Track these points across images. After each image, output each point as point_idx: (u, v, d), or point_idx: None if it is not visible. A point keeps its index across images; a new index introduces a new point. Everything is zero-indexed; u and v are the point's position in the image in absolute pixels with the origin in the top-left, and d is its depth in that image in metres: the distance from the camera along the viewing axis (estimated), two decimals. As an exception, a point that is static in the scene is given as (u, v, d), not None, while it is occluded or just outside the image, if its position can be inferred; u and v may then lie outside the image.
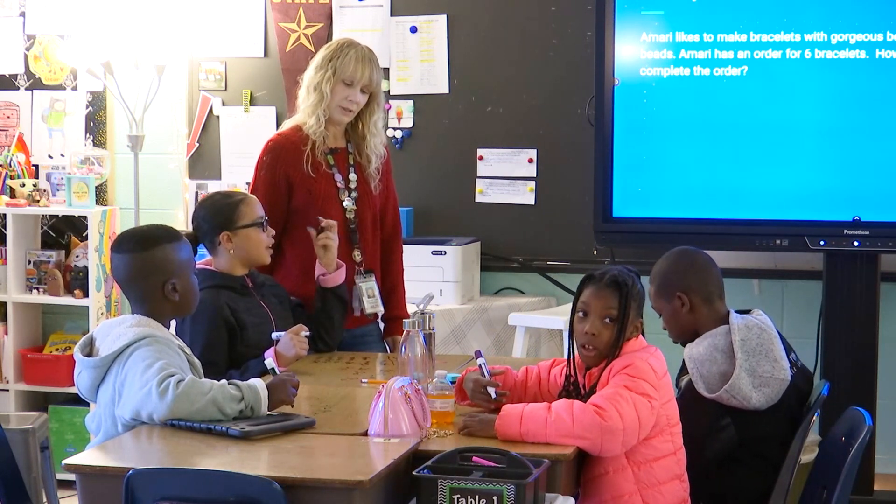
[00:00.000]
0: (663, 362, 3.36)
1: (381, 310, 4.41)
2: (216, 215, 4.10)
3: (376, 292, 4.40)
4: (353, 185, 4.38)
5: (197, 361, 3.53)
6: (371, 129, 4.38)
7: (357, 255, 4.38)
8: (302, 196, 4.33)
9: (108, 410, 3.34)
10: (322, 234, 4.21)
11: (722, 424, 3.63)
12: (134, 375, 3.27)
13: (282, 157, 4.33)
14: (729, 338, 3.66)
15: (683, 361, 3.74)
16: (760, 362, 3.61)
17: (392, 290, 4.50)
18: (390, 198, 4.53)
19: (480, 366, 3.45)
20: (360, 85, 4.30)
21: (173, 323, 3.95)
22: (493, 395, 3.41)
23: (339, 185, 4.36)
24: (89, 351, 3.44)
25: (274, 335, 3.93)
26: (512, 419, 3.18)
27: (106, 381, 3.35)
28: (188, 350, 3.51)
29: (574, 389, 3.39)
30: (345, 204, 4.36)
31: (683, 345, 3.78)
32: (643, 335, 3.43)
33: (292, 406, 3.36)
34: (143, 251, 3.45)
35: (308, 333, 3.99)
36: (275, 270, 4.33)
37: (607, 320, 3.34)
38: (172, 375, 3.24)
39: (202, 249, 4.19)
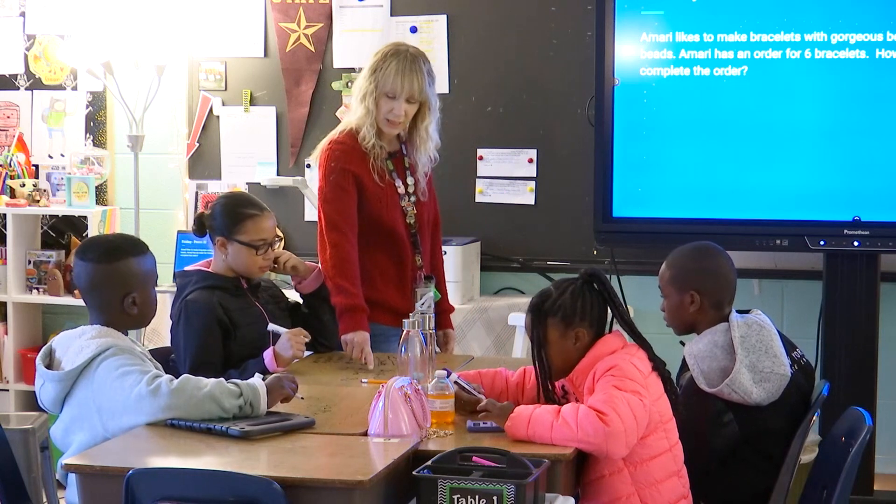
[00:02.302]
0: (647, 361, 3.36)
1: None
2: (223, 217, 4.10)
3: (431, 304, 4.35)
4: (411, 190, 4.37)
5: (158, 365, 3.53)
6: (422, 135, 4.34)
7: (419, 260, 4.38)
8: (372, 202, 4.28)
9: (80, 424, 3.32)
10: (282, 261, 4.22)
11: (724, 421, 3.64)
12: (113, 387, 3.26)
13: (351, 161, 4.27)
14: (729, 335, 3.67)
15: (684, 359, 3.75)
16: (760, 358, 3.62)
17: (436, 284, 4.47)
18: (431, 193, 4.50)
19: (457, 382, 3.45)
20: (403, 97, 4.24)
21: (168, 327, 3.96)
22: (484, 398, 3.44)
23: (399, 190, 4.35)
24: (49, 362, 3.43)
25: (270, 327, 3.94)
26: (520, 421, 3.20)
27: (73, 394, 3.34)
28: (148, 356, 3.50)
29: (550, 396, 3.41)
30: (406, 209, 4.36)
31: (683, 343, 3.79)
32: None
33: (290, 400, 3.37)
34: (107, 262, 3.45)
35: (308, 339, 4.00)
36: (365, 280, 4.27)
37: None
38: (159, 377, 3.25)
39: (206, 249, 4.20)
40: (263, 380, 3.36)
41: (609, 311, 3.45)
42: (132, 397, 3.23)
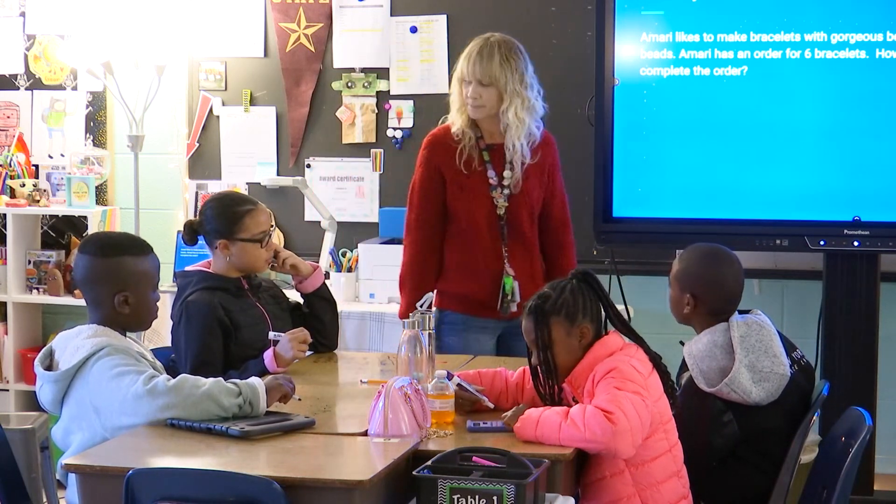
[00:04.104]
0: (646, 361, 3.36)
1: (514, 309, 4.40)
2: (219, 220, 4.09)
3: (516, 291, 4.40)
4: (506, 182, 4.41)
5: (159, 365, 3.53)
6: (504, 120, 4.39)
7: (504, 252, 4.42)
8: (453, 192, 4.42)
9: (79, 424, 3.32)
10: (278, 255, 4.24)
11: (724, 420, 3.64)
12: (109, 387, 3.26)
13: (436, 152, 4.44)
14: (728, 335, 3.68)
15: (683, 359, 3.75)
16: (760, 358, 3.62)
17: None
18: (556, 191, 4.56)
19: (459, 384, 3.45)
20: (473, 80, 4.36)
21: (168, 327, 3.94)
22: (489, 403, 3.44)
23: (491, 181, 4.41)
24: (49, 363, 3.43)
25: (271, 335, 3.93)
26: (529, 423, 3.21)
27: (70, 394, 3.34)
28: (149, 356, 3.50)
29: (550, 397, 3.40)
30: (496, 200, 4.40)
31: (682, 343, 3.80)
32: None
33: (288, 399, 3.37)
34: (103, 257, 3.45)
35: (310, 341, 4.00)
36: (439, 271, 4.45)
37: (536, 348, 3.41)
38: (156, 376, 3.25)
39: (207, 249, 4.20)
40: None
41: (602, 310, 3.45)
42: (129, 397, 3.23)
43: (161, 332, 5.36)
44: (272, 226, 4.18)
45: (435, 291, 4.46)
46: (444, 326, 4.50)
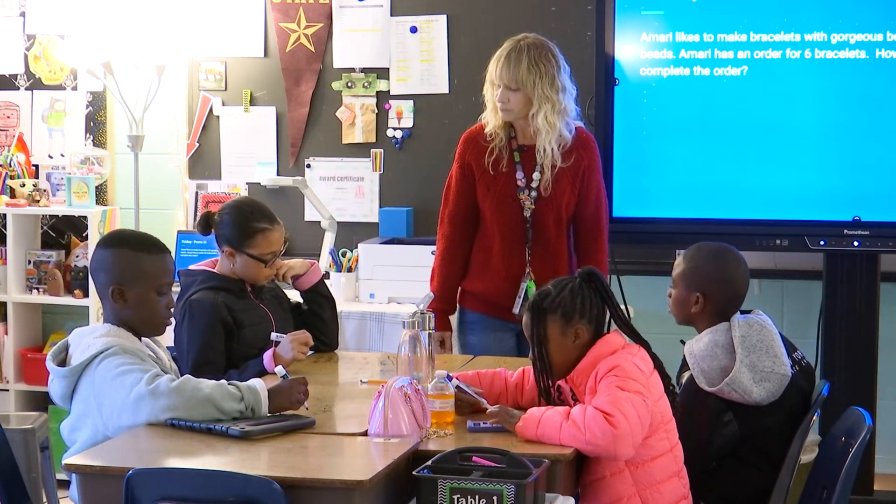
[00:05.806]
0: (648, 360, 3.36)
1: None
2: (233, 229, 4.08)
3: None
4: (534, 185, 4.40)
5: (175, 368, 3.52)
6: (534, 125, 4.36)
7: (527, 255, 4.40)
8: (481, 191, 4.43)
9: (85, 421, 3.32)
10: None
11: (724, 420, 3.64)
12: (112, 386, 3.26)
13: (469, 149, 4.46)
14: (729, 334, 3.68)
15: (684, 358, 3.75)
16: (761, 358, 3.62)
17: None
18: (590, 195, 4.50)
19: (459, 387, 3.45)
20: (501, 83, 4.36)
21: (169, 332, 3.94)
22: (487, 405, 3.43)
23: (519, 182, 4.40)
24: (63, 358, 3.43)
25: (273, 336, 3.93)
26: (531, 422, 3.21)
27: (78, 391, 3.34)
28: (167, 360, 3.50)
29: (548, 396, 3.40)
30: (522, 203, 4.40)
31: (683, 342, 3.80)
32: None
33: (298, 408, 3.36)
34: (104, 248, 3.46)
35: (311, 344, 4.00)
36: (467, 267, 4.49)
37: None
38: (160, 376, 3.25)
39: (206, 249, 4.20)
40: (283, 376, 3.37)
41: (607, 310, 3.45)
42: (131, 396, 3.23)
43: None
44: (285, 241, 4.17)
45: (459, 289, 4.50)
46: (463, 325, 4.54)
